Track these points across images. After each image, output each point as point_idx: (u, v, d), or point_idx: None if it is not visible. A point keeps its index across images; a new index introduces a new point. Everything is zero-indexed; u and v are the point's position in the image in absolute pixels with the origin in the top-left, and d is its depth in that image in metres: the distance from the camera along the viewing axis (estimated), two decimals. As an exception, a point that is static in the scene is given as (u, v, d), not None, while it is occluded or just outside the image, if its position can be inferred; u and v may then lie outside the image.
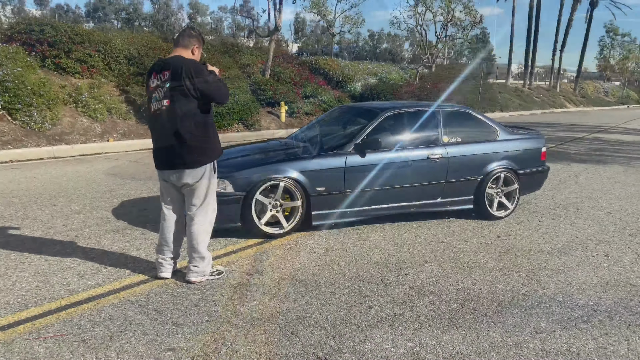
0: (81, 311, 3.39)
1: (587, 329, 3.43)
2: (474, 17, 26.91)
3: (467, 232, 5.56)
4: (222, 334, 3.16)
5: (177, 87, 3.58)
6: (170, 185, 3.85)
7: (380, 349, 3.07)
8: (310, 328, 3.29)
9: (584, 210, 6.71)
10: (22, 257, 4.35)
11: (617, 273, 4.49)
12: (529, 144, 6.33)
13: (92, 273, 4.04)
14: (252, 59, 18.54)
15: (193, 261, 3.88)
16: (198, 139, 3.69)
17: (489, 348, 3.13)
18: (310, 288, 3.91)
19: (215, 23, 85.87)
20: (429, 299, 3.80)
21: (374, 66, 24.06)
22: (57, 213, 5.80)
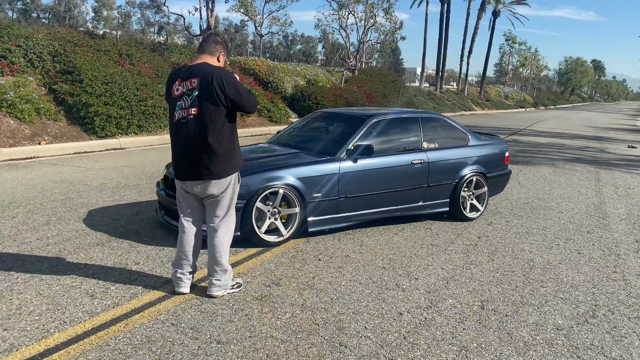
0: (113, 334, 3.18)
1: (598, 324, 3.73)
2: (394, 23, 27.83)
3: (448, 234, 5.81)
4: (272, 349, 3.11)
5: (207, 95, 3.46)
6: (191, 196, 3.71)
7: (431, 354, 3.16)
8: (355, 338, 3.31)
9: (539, 210, 7.22)
10: (11, 276, 3.99)
11: (595, 269, 4.90)
12: (494, 148, 6.71)
13: (101, 292, 3.78)
14: (182, 58, 18.00)
15: (215, 275, 3.76)
16: (225, 148, 3.58)
17: (525, 347, 3.32)
18: (334, 297, 3.92)
19: (123, 18, 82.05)
20: (449, 302, 3.95)
21: (302, 68, 24.18)
22: (22, 225, 5.35)
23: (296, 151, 5.52)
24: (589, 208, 7.56)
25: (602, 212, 7.31)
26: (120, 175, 8.28)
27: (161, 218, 5.35)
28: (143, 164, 9.46)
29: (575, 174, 10.76)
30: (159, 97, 13.57)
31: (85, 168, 8.84)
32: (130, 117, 12.58)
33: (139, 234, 5.21)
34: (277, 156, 5.36)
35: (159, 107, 13.39)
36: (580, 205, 7.70)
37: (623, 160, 13.91)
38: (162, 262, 4.45)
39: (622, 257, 5.28)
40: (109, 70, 13.20)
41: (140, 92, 13.10)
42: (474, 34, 43.26)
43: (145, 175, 8.42)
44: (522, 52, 55.48)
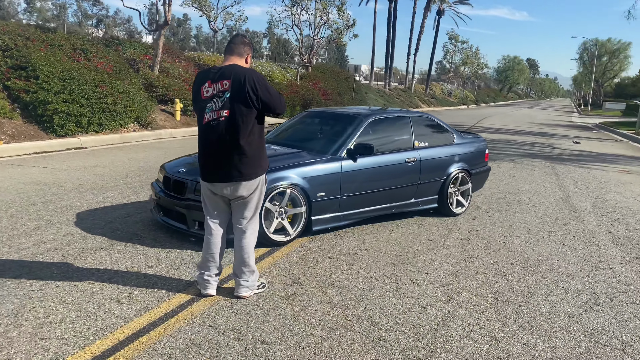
0: (155, 339, 3.15)
1: (602, 310, 4.01)
2: (346, 20, 28.11)
3: (440, 229, 6.03)
4: (317, 347, 3.18)
5: (239, 97, 3.46)
6: (218, 198, 3.70)
7: (465, 345, 3.32)
8: (391, 332, 3.42)
9: (514, 205, 7.59)
10: (24, 284, 3.85)
11: (582, 259, 5.24)
12: (476, 146, 7.00)
13: (125, 297, 3.72)
14: (137, 54, 17.52)
15: (243, 275, 3.77)
16: (255, 150, 3.60)
17: (546, 335, 3.54)
18: (357, 294, 4.02)
19: (58, 9, 78.57)
20: (465, 295, 4.13)
21: (257, 64, 24.03)
22: (11, 230, 5.13)
23: (296, 151, 5.57)
24: (557, 201, 8.00)
25: (570, 205, 7.76)
26: (94, 176, 8.04)
27: (160, 219, 5.27)
28: (113, 164, 9.20)
29: (534, 169, 11.32)
30: (118, 94, 13.18)
31: (53, 169, 8.51)
32: (91, 114, 12.18)
33: (139, 237, 5.11)
34: (280, 156, 5.38)
35: (120, 105, 13.02)
36: (550, 199, 8.13)
37: (572, 155, 14.73)
38: (175, 264, 4.40)
39: (602, 248, 5.65)
40: (66, 66, 12.70)
41: (100, 89, 12.67)
42: (420, 32, 44.30)
43: (120, 175, 8.21)
44: (464, 50, 57.28)
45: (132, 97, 13.65)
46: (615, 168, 12.50)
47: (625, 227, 6.60)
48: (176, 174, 5.09)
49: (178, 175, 5.04)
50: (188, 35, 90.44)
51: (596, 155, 15.33)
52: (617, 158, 14.87)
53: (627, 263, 5.16)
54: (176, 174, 5.09)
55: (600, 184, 9.93)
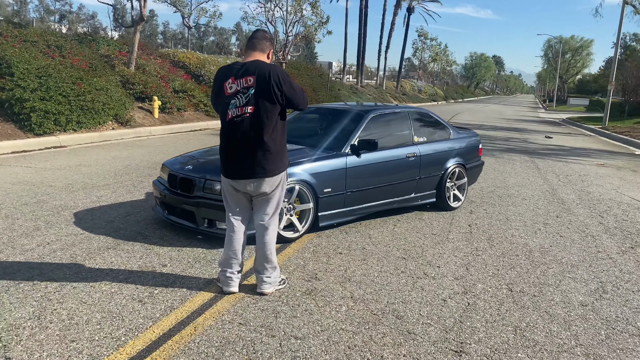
0: (189, 338, 3.12)
1: (612, 298, 4.14)
2: (320, 17, 28.08)
3: (440, 223, 6.12)
4: (350, 341, 3.19)
5: (264, 93, 3.45)
6: (241, 194, 3.68)
7: (493, 336, 3.39)
8: (418, 325, 3.47)
9: (506, 198, 7.75)
10: (39, 286, 3.75)
11: (582, 250, 5.39)
12: (470, 141, 7.12)
13: (147, 296, 3.67)
14: (112, 50, 17.17)
15: (266, 272, 3.76)
16: (278, 146, 3.59)
17: (566, 323, 3.64)
18: (376, 288, 4.05)
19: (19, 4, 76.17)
20: (480, 287, 4.21)
21: (232, 61, 23.81)
22: (10, 232, 4.99)
23: (300, 147, 5.55)
24: (545, 194, 8.21)
25: (558, 198, 7.97)
26: (82, 175, 7.86)
27: (165, 217, 5.20)
28: (98, 163, 9.01)
29: (516, 164, 11.57)
30: (96, 92, 12.90)
31: (37, 168, 8.29)
32: (69, 112, 11.88)
33: (145, 236, 5.03)
34: (285, 152, 5.35)
35: (98, 102, 12.73)
36: (537, 192, 8.33)
37: (548, 150, 15.09)
38: (189, 262, 4.36)
39: (597, 239, 5.82)
40: (41, 63, 12.36)
41: (77, 87, 12.37)
42: (391, 29, 44.62)
43: (108, 174, 8.04)
44: (434, 47, 57.99)
45: (110, 94, 13.38)
46: (590, 161, 12.87)
47: (614, 218, 6.81)
48: (182, 171, 5.03)
49: (184, 173, 4.98)
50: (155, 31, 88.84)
51: (570, 149, 15.75)
52: (590, 152, 15.31)
53: (623, 253, 5.34)
54: (182, 171, 5.03)
55: (580, 177, 10.21)
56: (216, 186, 4.76)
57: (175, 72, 18.87)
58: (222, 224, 4.76)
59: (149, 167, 8.86)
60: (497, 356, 3.12)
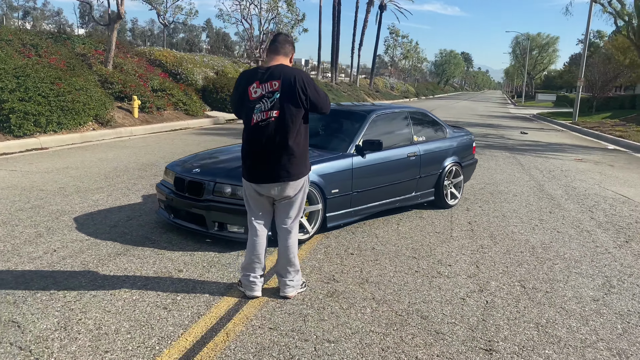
0: (223, 345, 3.10)
1: (620, 292, 4.28)
2: (296, 15, 28.04)
3: (441, 221, 6.21)
4: (383, 343, 3.23)
5: (290, 97, 3.45)
6: (264, 198, 3.67)
7: (517, 333, 3.47)
8: (444, 325, 3.53)
9: (498, 195, 7.91)
10: (57, 295, 3.68)
11: (581, 245, 5.55)
12: (465, 139, 7.24)
13: (170, 303, 3.63)
14: (87, 49, 16.82)
15: (289, 275, 3.77)
16: (302, 149, 3.60)
17: (583, 318, 3.75)
18: (395, 288, 4.10)
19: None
20: (494, 284, 4.30)
21: (209, 59, 23.60)
22: (12, 239, 4.87)
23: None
24: (533, 190, 8.40)
25: (546, 194, 8.17)
26: (71, 178, 7.70)
27: (171, 221, 5.15)
28: (85, 166, 8.83)
29: (499, 160, 11.79)
30: (76, 92, 12.62)
31: (23, 172, 8.09)
32: (50, 113, 11.59)
33: (152, 240, 4.98)
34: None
35: (78, 102, 12.46)
36: (525, 188, 8.53)
37: (526, 146, 15.43)
38: (204, 267, 4.33)
39: (592, 234, 6.00)
40: (17, 62, 12.03)
41: (57, 87, 12.08)
42: (364, 27, 44.82)
43: (98, 177, 7.90)
44: (405, 44, 58.48)
45: (89, 94, 13.11)
46: (568, 157, 13.21)
47: (603, 213, 7.02)
48: (190, 174, 4.98)
49: (193, 176, 4.93)
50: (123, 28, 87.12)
51: (547, 145, 16.14)
52: (565, 147, 15.72)
53: (620, 247, 5.51)
54: (190, 174, 4.98)
55: (563, 172, 10.48)
56: (226, 189, 4.74)
57: (152, 70, 18.58)
58: (233, 227, 4.74)
59: (138, 168, 8.73)
60: (525, 353, 3.19)
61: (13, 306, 3.47)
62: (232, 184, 4.74)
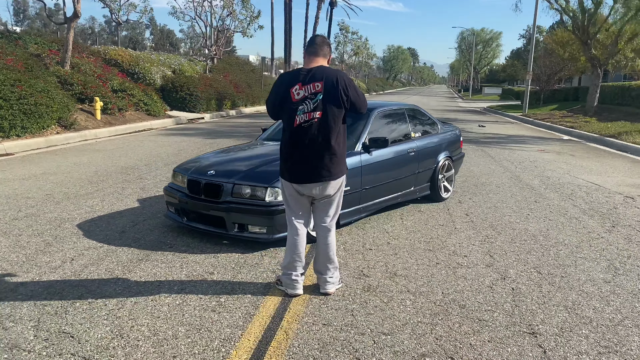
0: (286, 344, 3.15)
1: (626, 273, 4.58)
2: (251, 12, 27.84)
3: (440, 213, 6.43)
4: (435, 332, 3.36)
5: (332, 98, 3.52)
6: (304, 198, 3.73)
7: (549, 316, 3.68)
8: (484, 312, 3.69)
9: (481, 187, 8.22)
10: (96, 304, 3.61)
11: (574, 231, 5.87)
12: (454, 134, 7.49)
13: (217, 306, 3.64)
14: (41, 49, 16.17)
15: (328, 272, 3.85)
16: (342, 149, 3.68)
17: (603, 299, 4.00)
18: (425, 280, 4.24)
19: None
20: (512, 272, 4.52)
21: (165, 57, 23.11)
22: (21, 249, 4.73)
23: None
24: (513, 181, 8.78)
25: (525, 184, 8.56)
26: (54, 184, 7.47)
27: (185, 224, 5.12)
28: (62, 171, 8.57)
29: (469, 153, 12.18)
30: (38, 94, 12.15)
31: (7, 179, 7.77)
32: (12, 117, 11.12)
33: (169, 244, 4.93)
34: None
35: (41, 105, 12.00)
36: (505, 180, 8.90)
37: (488, 138, 16.01)
38: (234, 269, 4.34)
39: (581, 220, 6.36)
40: (-25, 65, 11.45)
41: (18, 89, 11.59)
42: (315, 23, 44.94)
43: (82, 182, 7.70)
44: (355, 41, 59.08)
45: (51, 96, 12.64)
46: (531, 148, 13.82)
47: (583, 201, 7.44)
48: (205, 177, 4.96)
49: (209, 179, 4.91)
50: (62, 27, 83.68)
51: (508, 137, 16.79)
52: (525, 139, 16.40)
53: (610, 232, 5.88)
54: (205, 177, 4.96)
55: (532, 163, 10.98)
56: (245, 190, 4.75)
57: (109, 70, 18.07)
58: (254, 228, 4.76)
59: (119, 172, 8.54)
60: (566, 334, 3.40)
61: (56, 317, 3.39)
62: (251, 185, 4.76)
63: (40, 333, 3.18)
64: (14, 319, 3.36)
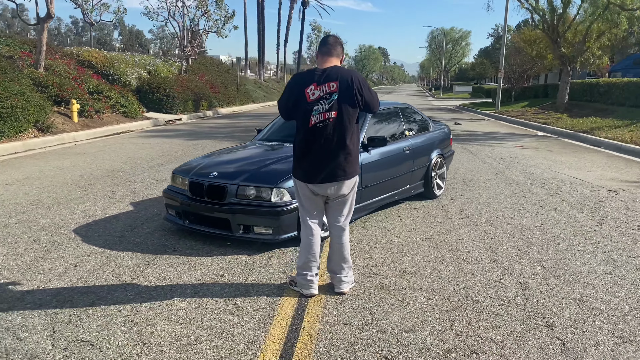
0: (312, 344, 3.15)
1: (624, 265, 4.71)
2: (225, 12, 27.64)
3: (436, 211, 6.50)
4: (455, 328, 3.40)
5: (347, 98, 3.53)
6: (319, 198, 3.74)
7: (561, 309, 3.76)
8: (498, 307, 3.75)
9: (470, 184, 8.35)
10: (110, 311, 3.54)
11: (567, 225, 6.00)
12: (445, 132, 7.59)
13: (234, 308, 3.61)
14: (13, 50, 15.75)
15: (343, 271, 3.86)
16: (356, 148, 3.70)
17: (609, 291, 4.10)
18: (435, 277, 4.29)
19: None
20: (517, 267, 4.60)
21: (140, 58, 22.75)
22: (20, 257, 4.60)
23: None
24: (499, 177, 8.93)
25: (511, 180, 8.72)
26: (41, 189, 7.30)
27: (188, 226, 5.07)
28: (46, 175, 8.37)
29: (452, 150, 12.34)
30: (14, 97, 11.83)
31: (-17, 185, 7.54)
32: (-12, 121, 10.80)
33: (173, 248, 4.87)
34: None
35: (17, 108, 11.69)
36: (491, 176, 9.05)
37: (467, 136, 16.25)
38: (243, 270, 4.32)
39: (571, 214, 6.52)
40: (-54, 67, 11.08)
41: (-8, 92, 11.27)
42: (288, 23, 44.95)
43: (70, 186, 7.54)
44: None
45: (27, 99, 12.32)
46: (510, 144, 14.08)
47: (569, 195, 7.62)
48: (208, 178, 4.91)
49: (212, 180, 4.87)
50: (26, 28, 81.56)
51: (485, 134, 17.07)
52: (502, 135, 16.71)
53: (600, 225, 6.04)
54: (208, 178, 4.91)
55: (513, 159, 11.19)
56: (250, 191, 4.73)
57: (83, 72, 17.70)
58: (260, 229, 4.74)
59: (106, 176, 8.39)
60: (580, 326, 3.49)
61: (71, 325, 3.31)
62: (256, 186, 4.73)
63: (58, 342, 3.10)
64: (28, 329, 3.26)
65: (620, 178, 9.05)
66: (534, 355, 3.08)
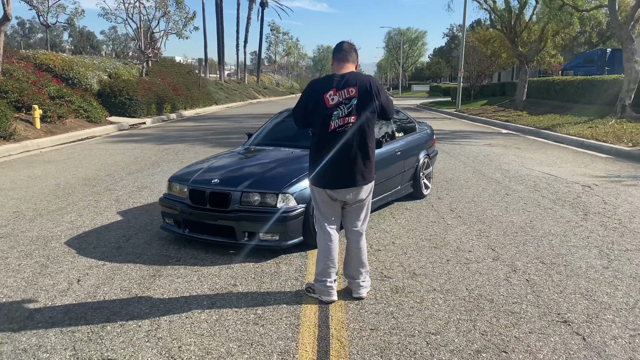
0: (345, 352, 3.14)
1: (617, 258, 4.90)
2: (186, 13, 27.21)
3: (427, 211, 6.60)
4: (479, 327, 3.47)
5: (366, 103, 3.55)
6: (337, 203, 3.74)
7: (573, 304, 3.88)
8: (513, 305, 3.84)
9: (452, 182, 8.51)
10: (131, 326, 3.44)
11: (555, 221, 6.19)
12: (429, 133, 7.71)
13: (256, 318, 3.57)
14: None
15: (360, 276, 3.87)
16: (373, 153, 3.72)
17: (611, 285, 4.26)
18: (446, 278, 4.35)
19: None
20: (520, 264, 4.72)
21: (100, 61, 22.12)
22: (16, 273, 4.42)
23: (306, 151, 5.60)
24: (477, 176, 9.14)
25: (490, 178, 8.94)
26: (17, 200, 7.02)
27: (188, 235, 4.98)
28: (19, 185, 8.05)
29: (425, 150, 12.54)
30: (-25, 103, 11.30)
31: (-47, 197, 7.18)
32: (-51, 129, 10.28)
33: (176, 258, 4.77)
34: (301, 158, 5.38)
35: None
36: (469, 175, 9.24)
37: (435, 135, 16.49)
38: (255, 279, 4.27)
39: (555, 210, 6.73)
40: None
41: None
42: (247, 24, 44.65)
43: (47, 196, 7.28)
44: (286, 41, 59.11)
45: (-13, 105, 11.79)
46: (477, 142, 14.42)
47: (547, 191, 7.87)
48: (209, 186, 4.83)
49: (214, 188, 4.79)
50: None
51: (451, 132, 17.41)
52: (469, 134, 17.09)
53: (585, 220, 6.26)
54: (209, 186, 4.83)
55: (485, 157, 11.47)
56: (254, 197, 4.68)
57: (42, 76, 17.08)
58: (266, 235, 4.69)
59: (82, 184, 8.14)
60: (595, 320, 3.61)
61: (94, 343, 3.20)
62: (260, 192, 4.69)
63: (83, 362, 2.99)
64: (47, 349, 3.13)
65: (589, 173, 9.41)
66: (560, 351, 3.17)
